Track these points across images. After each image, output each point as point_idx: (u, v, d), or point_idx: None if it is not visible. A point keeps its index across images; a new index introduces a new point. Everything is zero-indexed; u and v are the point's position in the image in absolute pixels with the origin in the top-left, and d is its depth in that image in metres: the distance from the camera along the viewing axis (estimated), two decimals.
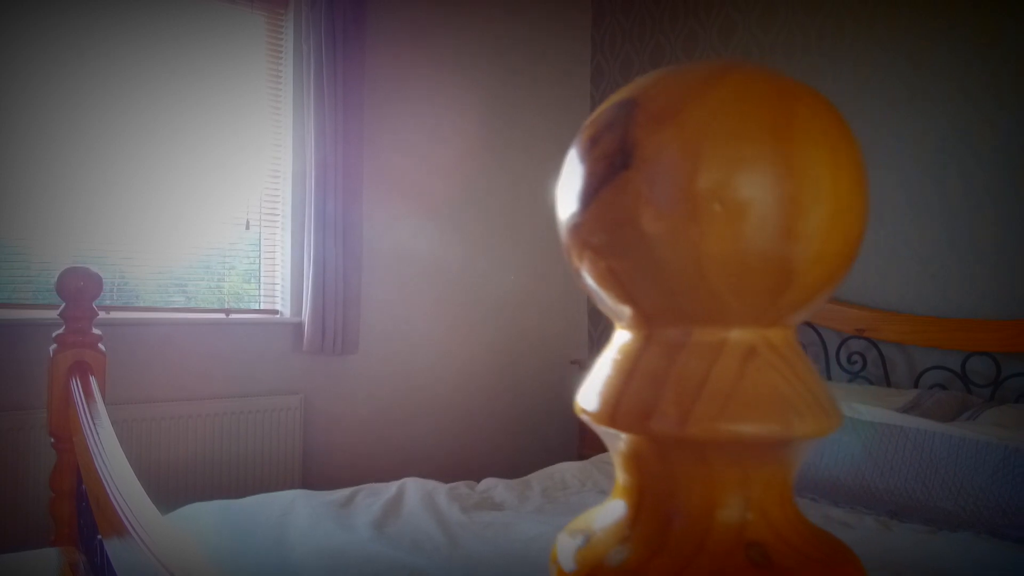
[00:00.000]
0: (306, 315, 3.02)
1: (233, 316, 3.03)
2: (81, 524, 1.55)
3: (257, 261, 3.18)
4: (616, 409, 0.23)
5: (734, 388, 0.22)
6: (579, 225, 0.24)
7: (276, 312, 3.16)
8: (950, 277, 2.72)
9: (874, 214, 2.92)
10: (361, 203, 3.16)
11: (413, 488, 2.00)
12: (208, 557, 1.28)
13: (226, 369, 2.94)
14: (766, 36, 3.28)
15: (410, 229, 3.36)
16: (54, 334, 1.62)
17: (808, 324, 3.06)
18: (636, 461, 0.24)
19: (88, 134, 2.93)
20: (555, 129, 3.77)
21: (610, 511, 0.24)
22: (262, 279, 3.16)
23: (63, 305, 1.62)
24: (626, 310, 0.24)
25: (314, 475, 3.03)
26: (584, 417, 0.25)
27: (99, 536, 1.49)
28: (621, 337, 0.25)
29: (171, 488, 2.59)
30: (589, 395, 0.24)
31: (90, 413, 1.54)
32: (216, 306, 3.05)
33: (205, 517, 1.68)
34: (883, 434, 2.23)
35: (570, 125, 3.83)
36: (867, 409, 2.37)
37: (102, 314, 2.54)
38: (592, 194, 0.23)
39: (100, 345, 1.65)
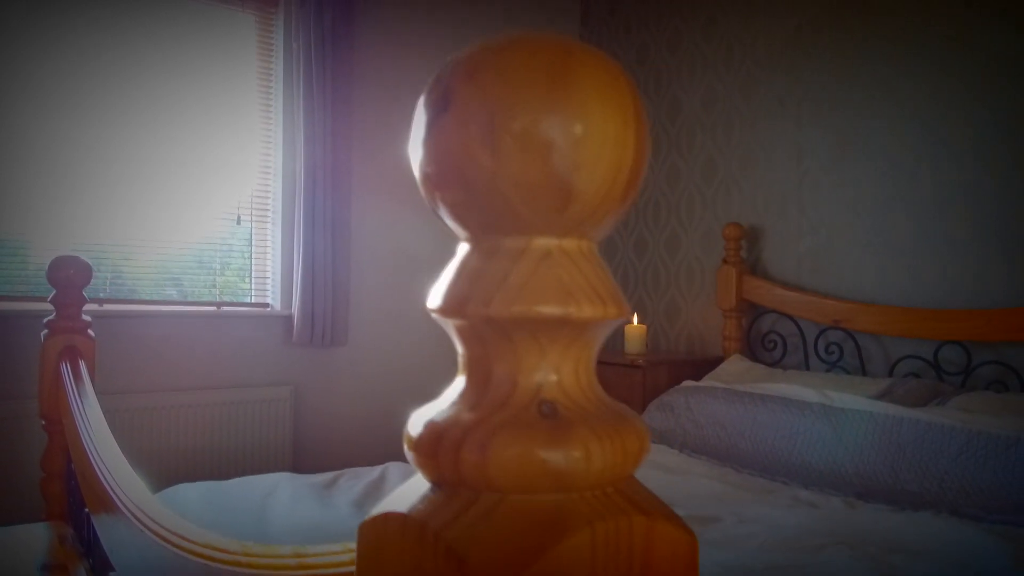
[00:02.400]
0: (296, 308, 3.09)
1: (224, 309, 3.09)
2: (70, 501, 1.62)
3: (248, 255, 3.24)
4: (446, 301, 0.30)
5: (528, 280, 0.28)
6: (420, 162, 0.30)
7: (267, 305, 3.22)
8: (923, 269, 2.79)
9: (850, 208, 2.99)
10: (350, 198, 3.23)
11: (396, 471, 2.06)
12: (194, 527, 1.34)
13: (217, 361, 3.01)
14: (746, 33, 3.35)
15: (398, 224, 3.43)
16: (45, 320, 1.69)
17: (787, 316, 3.13)
18: (463, 342, 0.30)
19: (85, 131, 2.99)
20: None
21: (454, 386, 0.31)
22: (253, 273, 3.23)
23: (53, 292, 1.69)
24: (459, 228, 0.31)
25: (304, 465, 3.09)
26: (431, 314, 0.31)
27: (86, 510, 1.55)
28: (460, 249, 0.31)
29: (162, 476, 2.65)
30: (432, 296, 0.31)
31: (79, 396, 1.60)
32: (208, 299, 3.12)
33: (190, 495, 1.74)
34: (854, 420, 2.29)
35: None
36: (839, 396, 2.43)
37: (95, 306, 2.61)
38: (424, 135, 0.29)
39: (89, 331, 1.71)
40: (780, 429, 2.37)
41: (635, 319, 3.42)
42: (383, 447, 3.24)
